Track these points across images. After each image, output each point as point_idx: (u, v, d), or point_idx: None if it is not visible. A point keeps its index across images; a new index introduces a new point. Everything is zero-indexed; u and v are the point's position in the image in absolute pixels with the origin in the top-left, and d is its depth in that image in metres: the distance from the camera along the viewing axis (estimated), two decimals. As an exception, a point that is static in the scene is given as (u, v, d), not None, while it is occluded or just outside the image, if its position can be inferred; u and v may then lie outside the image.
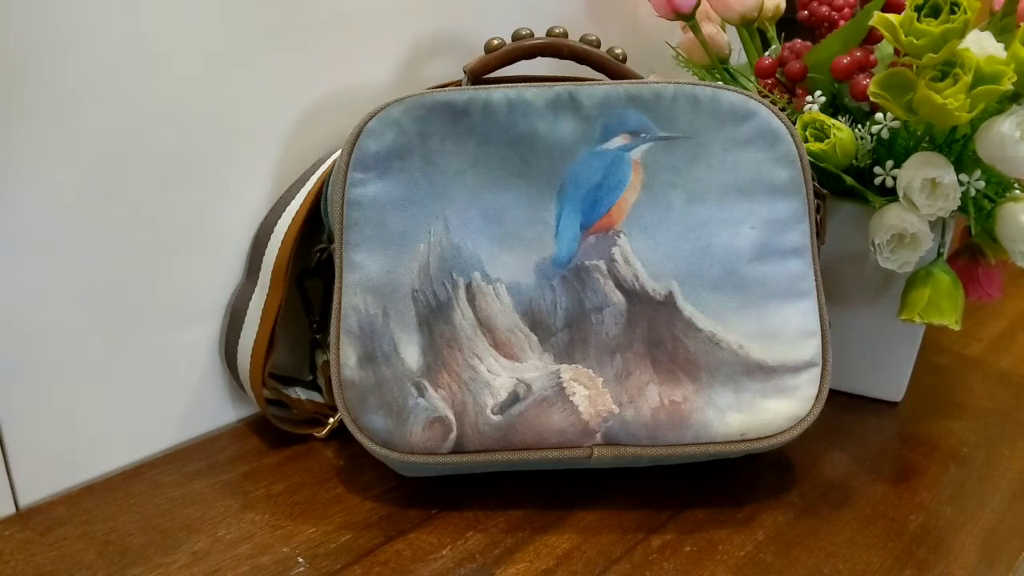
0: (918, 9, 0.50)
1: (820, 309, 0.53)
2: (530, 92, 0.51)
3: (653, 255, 0.52)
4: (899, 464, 0.59)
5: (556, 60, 0.56)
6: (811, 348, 0.52)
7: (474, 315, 0.51)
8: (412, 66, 0.63)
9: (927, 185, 0.54)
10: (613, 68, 0.56)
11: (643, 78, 0.55)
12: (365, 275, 0.51)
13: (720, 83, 0.59)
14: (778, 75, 0.64)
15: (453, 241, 0.51)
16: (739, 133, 0.52)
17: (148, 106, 0.50)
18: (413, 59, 0.63)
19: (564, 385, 0.51)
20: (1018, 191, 0.57)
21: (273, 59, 0.55)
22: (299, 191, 0.56)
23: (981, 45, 0.51)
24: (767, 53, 0.67)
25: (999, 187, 0.58)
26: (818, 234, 0.54)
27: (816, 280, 0.53)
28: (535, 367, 0.51)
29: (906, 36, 0.50)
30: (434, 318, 0.51)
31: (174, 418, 0.58)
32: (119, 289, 0.52)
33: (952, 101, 0.49)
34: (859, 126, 0.58)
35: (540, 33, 0.56)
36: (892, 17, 0.51)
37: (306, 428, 0.60)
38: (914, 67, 0.52)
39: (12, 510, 0.51)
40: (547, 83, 0.52)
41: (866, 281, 0.63)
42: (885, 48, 0.63)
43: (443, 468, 0.52)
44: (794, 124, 0.55)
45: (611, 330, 0.52)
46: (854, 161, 0.58)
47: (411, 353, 0.50)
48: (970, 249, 0.61)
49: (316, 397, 0.61)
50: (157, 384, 0.56)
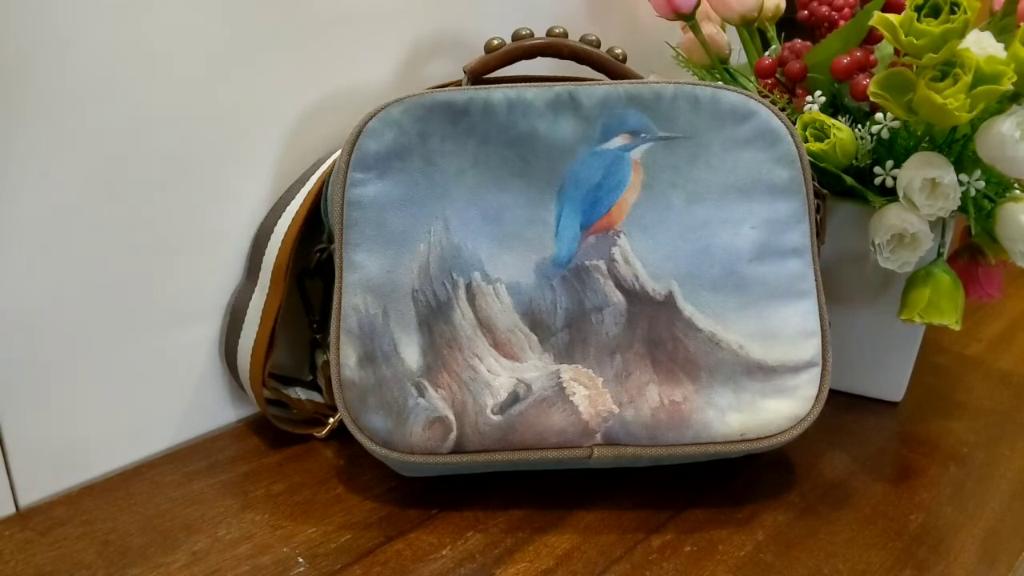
0: (918, 9, 0.50)
1: (820, 309, 0.53)
2: (530, 92, 0.51)
3: (653, 255, 0.52)
4: (899, 464, 0.59)
5: (556, 60, 0.56)
6: (811, 348, 0.52)
7: (474, 315, 0.51)
8: (412, 66, 0.63)
9: (927, 185, 0.54)
10: (613, 68, 0.56)
11: (643, 78, 0.55)
12: (365, 275, 0.51)
13: (720, 83, 0.59)
14: (778, 75, 0.64)
15: (453, 241, 0.51)
16: (739, 133, 0.52)
17: (148, 106, 0.50)
18: (413, 59, 0.63)
19: (564, 385, 0.51)
20: (1018, 191, 0.57)
21: (273, 59, 0.55)
22: (299, 191, 0.56)
23: (981, 45, 0.51)
24: (767, 53, 0.67)
25: (999, 187, 0.58)
26: (818, 234, 0.54)
27: (816, 280, 0.53)
28: (535, 367, 0.51)
29: (906, 36, 0.50)
30: (434, 318, 0.51)
31: (174, 418, 0.58)
32: (119, 289, 0.52)
33: (952, 101, 0.49)
34: (859, 126, 0.58)
35: (540, 33, 0.56)
36: (892, 17, 0.51)
37: (306, 428, 0.60)
38: (914, 67, 0.52)
39: (12, 510, 0.51)
40: (547, 83, 0.52)
41: (866, 281, 0.63)
42: (885, 48, 0.63)
43: (443, 468, 0.52)
44: (794, 124, 0.55)
45: (611, 330, 0.52)
46: (854, 161, 0.58)
47: (411, 353, 0.50)
48: (970, 249, 0.61)
49: (316, 397, 0.61)
50: (157, 384, 0.56)
